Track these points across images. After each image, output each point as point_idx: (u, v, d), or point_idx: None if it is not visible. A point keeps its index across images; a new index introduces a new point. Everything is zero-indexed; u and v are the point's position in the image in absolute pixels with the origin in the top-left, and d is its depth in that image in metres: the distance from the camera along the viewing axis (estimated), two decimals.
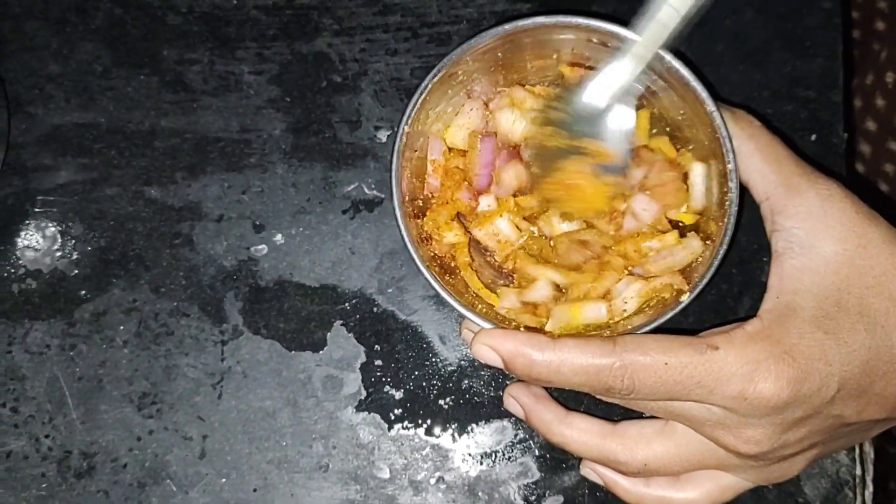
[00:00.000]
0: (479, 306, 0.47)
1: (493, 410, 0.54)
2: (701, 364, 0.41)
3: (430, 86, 0.46)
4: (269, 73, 0.57)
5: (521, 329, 0.45)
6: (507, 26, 0.47)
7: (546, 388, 0.51)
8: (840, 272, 0.43)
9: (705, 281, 0.45)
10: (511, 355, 0.43)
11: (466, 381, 0.54)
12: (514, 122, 0.48)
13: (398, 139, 0.46)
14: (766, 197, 0.46)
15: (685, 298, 0.44)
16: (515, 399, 0.50)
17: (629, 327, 0.45)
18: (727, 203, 0.45)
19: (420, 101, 0.46)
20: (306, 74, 0.57)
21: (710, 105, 0.45)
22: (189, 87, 0.57)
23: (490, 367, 0.53)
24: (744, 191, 0.46)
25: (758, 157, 0.45)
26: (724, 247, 0.45)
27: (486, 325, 0.45)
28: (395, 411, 0.54)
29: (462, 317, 0.45)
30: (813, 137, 0.56)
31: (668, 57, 0.46)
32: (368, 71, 0.57)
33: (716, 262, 0.45)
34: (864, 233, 0.44)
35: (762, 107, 0.56)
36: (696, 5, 0.43)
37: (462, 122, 0.49)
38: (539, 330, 0.46)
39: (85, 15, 0.58)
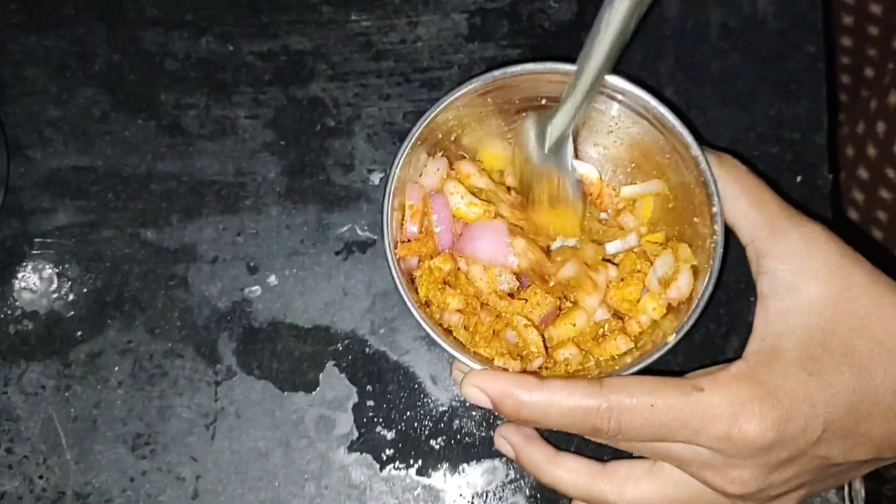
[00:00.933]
0: (469, 347, 0.48)
1: (485, 450, 0.54)
2: (686, 406, 0.42)
3: (420, 130, 0.47)
4: (265, 118, 0.58)
5: (510, 370, 0.46)
6: (497, 73, 0.48)
7: (537, 429, 0.51)
8: (824, 314, 0.44)
9: (691, 322, 0.45)
10: (499, 396, 0.43)
11: (458, 422, 0.54)
12: (459, 205, 0.49)
13: (389, 183, 0.47)
14: (752, 239, 0.46)
15: (671, 339, 0.45)
16: (506, 439, 0.50)
17: (616, 369, 0.45)
18: (712, 245, 0.46)
19: (411, 145, 0.47)
20: (301, 119, 0.58)
21: (695, 149, 0.46)
22: (186, 131, 0.58)
23: (481, 408, 0.54)
24: (729, 232, 0.47)
25: (743, 201, 0.46)
26: (710, 288, 0.46)
27: (476, 366, 0.45)
28: (387, 451, 0.54)
29: (453, 357, 0.46)
30: (798, 179, 0.57)
31: (654, 102, 0.47)
32: (362, 115, 0.58)
33: (702, 304, 0.45)
34: (848, 275, 0.44)
35: (748, 149, 0.57)
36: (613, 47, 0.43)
37: (426, 181, 0.50)
38: (532, 372, 0.46)
39: (84, 61, 0.59)
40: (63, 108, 0.58)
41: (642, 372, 0.45)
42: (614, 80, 0.47)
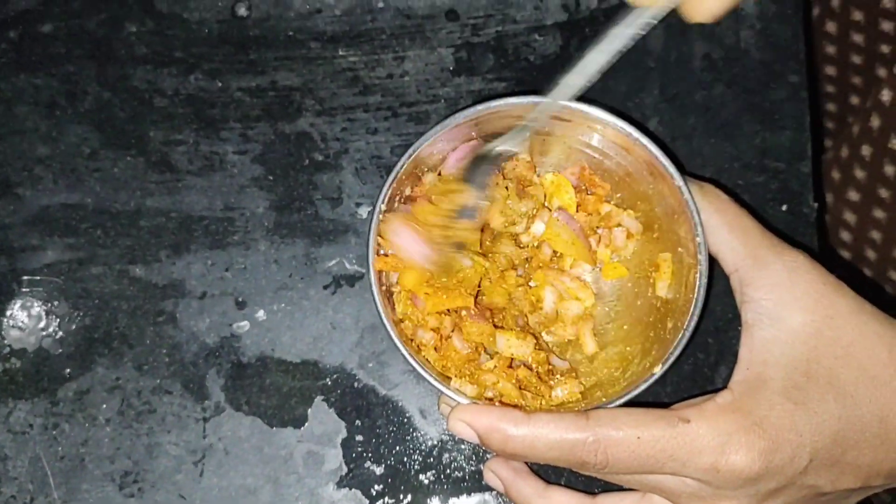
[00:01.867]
0: (455, 381, 0.47)
1: (475, 485, 0.54)
2: (673, 438, 0.42)
3: (405, 165, 0.48)
4: (253, 153, 0.58)
5: (497, 404, 0.46)
6: (480, 107, 0.48)
7: (527, 463, 0.51)
8: (809, 343, 0.44)
9: (677, 353, 0.45)
10: (486, 431, 0.43)
11: (447, 456, 0.54)
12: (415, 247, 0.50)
13: (374, 217, 0.47)
14: (735, 269, 0.46)
15: (658, 370, 0.45)
16: (495, 473, 0.50)
17: (603, 400, 0.45)
18: (696, 275, 0.46)
19: (395, 179, 0.48)
20: (289, 153, 0.58)
21: (677, 179, 0.47)
22: (174, 167, 0.58)
23: (470, 442, 0.54)
24: (714, 262, 0.47)
25: (725, 230, 0.46)
26: (695, 318, 0.46)
27: (463, 401, 0.45)
28: (376, 487, 0.54)
29: (440, 391, 0.46)
30: (784, 208, 0.57)
31: (636, 133, 0.47)
32: (349, 149, 0.58)
33: (687, 334, 0.45)
34: (831, 303, 0.44)
35: (733, 178, 0.57)
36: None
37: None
38: (517, 407, 0.46)
39: (74, 99, 0.59)
40: (52, 145, 0.59)
41: (630, 404, 0.44)
42: (595, 112, 0.47)
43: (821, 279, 0.45)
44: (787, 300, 0.44)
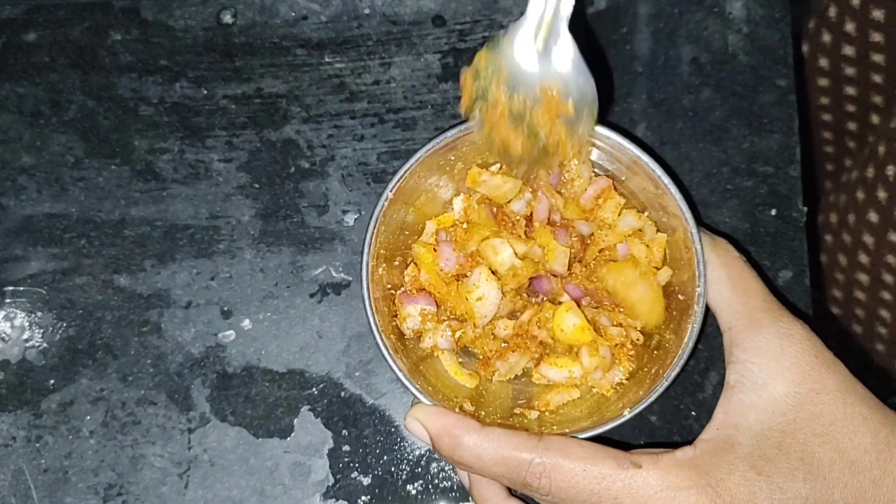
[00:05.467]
0: (433, 391, 0.46)
1: (463, 494, 0.53)
2: (619, 479, 0.40)
3: (395, 186, 0.47)
4: (239, 161, 0.58)
5: (458, 410, 0.45)
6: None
7: None
8: (788, 415, 0.42)
9: (651, 399, 0.44)
10: (438, 434, 0.43)
11: (435, 465, 0.54)
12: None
13: (380, 203, 0.46)
14: (729, 327, 0.45)
15: (626, 414, 0.44)
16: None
17: (566, 432, 0.44)
18: (688, 325, 0.45)
19: (388, 200, 0.47)
20: (275, 161, 0.58)
21: (691, 226, 0.45)
22: (159, 175, 0.58)
23: None
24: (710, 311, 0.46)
25: (727, 286, 0.45)
26: (679, 367, 0.45)
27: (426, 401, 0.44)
28: (364, 498, 0.53)
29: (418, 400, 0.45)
30: (773, 212, 0.56)
31: (659, 172, 0.46)
32: (336, 156, 0.58)
33: (665, 384, 0.44)
34: (819, 378, 0.43)
35: (721, 183, 0.57)
36: None
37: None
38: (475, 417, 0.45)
39: (58, 108, 0.59)
40: (36, 155, 0.58)
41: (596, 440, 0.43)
42: (630, 148, 0.46)
43: (813, 351, 0.43)
44: (773, 367, 0.43)
